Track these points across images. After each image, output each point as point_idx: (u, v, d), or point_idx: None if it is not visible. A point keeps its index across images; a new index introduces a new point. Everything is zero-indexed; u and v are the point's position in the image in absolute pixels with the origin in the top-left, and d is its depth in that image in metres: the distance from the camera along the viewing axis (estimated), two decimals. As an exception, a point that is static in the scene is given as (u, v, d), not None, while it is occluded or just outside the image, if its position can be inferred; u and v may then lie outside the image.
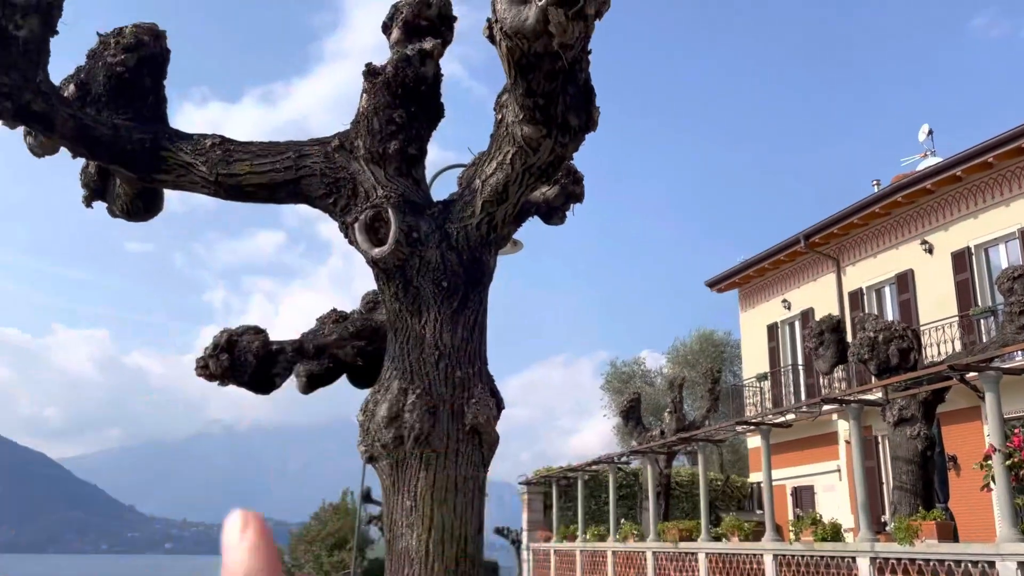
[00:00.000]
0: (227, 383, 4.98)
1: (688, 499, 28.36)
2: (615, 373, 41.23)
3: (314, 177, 3.80)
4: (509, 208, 3.73)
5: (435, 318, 3.82)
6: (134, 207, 4.14)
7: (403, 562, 3.63)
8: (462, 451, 3.76)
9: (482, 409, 3.81)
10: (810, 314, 21.01)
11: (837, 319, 12.48)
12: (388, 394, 3.80)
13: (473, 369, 3.88)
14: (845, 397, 11.53)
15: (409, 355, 3.83)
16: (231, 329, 5.04)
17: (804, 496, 21.16)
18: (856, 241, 20.43)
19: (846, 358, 12.26)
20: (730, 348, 38.24)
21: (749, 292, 24.66)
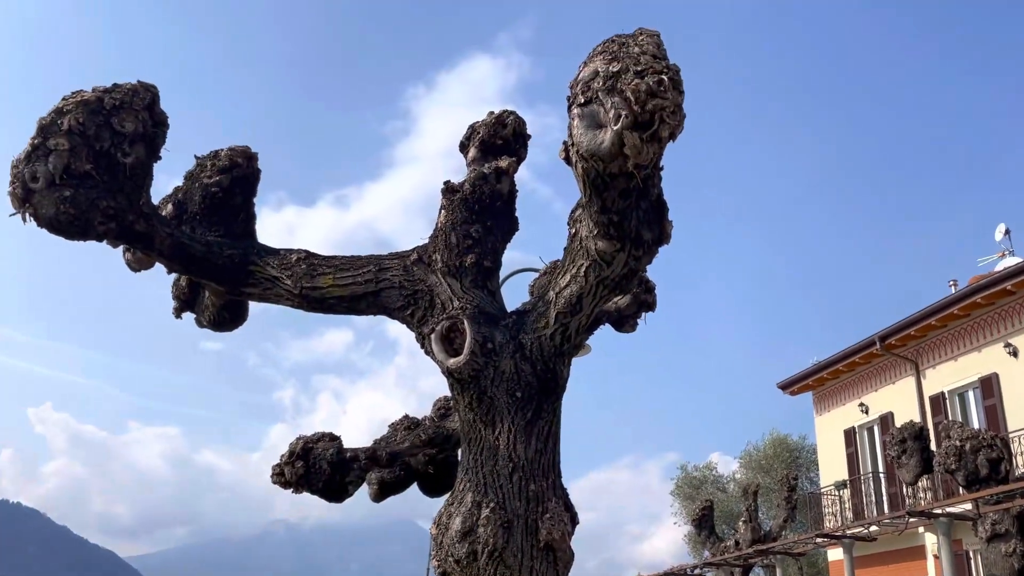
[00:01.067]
0: (301, 491, 5.03)
1: (766, 615, 26.88)
2: (686, 478, 40.03)
3: (393, 289, 3.92)
4: (583, 319, 3.76)
5: (509, 429, 3.82)
6: (220, 317, 4.30)
7: None
8: (536, 568, 3.69)
9: (556, 524, 3.75)
10: (889, 419, 20.20)
11: (920, 426, 11.98)
12: (462, 507, 3.77)
13: (547, 482, 3.84)
14: (933, 510, 10.94)
15: (483, 467, 3.82)
16: (307, 436, 5.12)
17: (892, 614, 19.85)
18: (935, 343, 19.76)
19: (931, 468, 11.70)
20: (805, 453, 36.87)
21: (824, 395, 23.90)
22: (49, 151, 3.06)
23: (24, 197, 3.09)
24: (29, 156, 3.07)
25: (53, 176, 3.05)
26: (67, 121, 3.06)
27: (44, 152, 3.07)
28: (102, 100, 3.15)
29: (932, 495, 17.34)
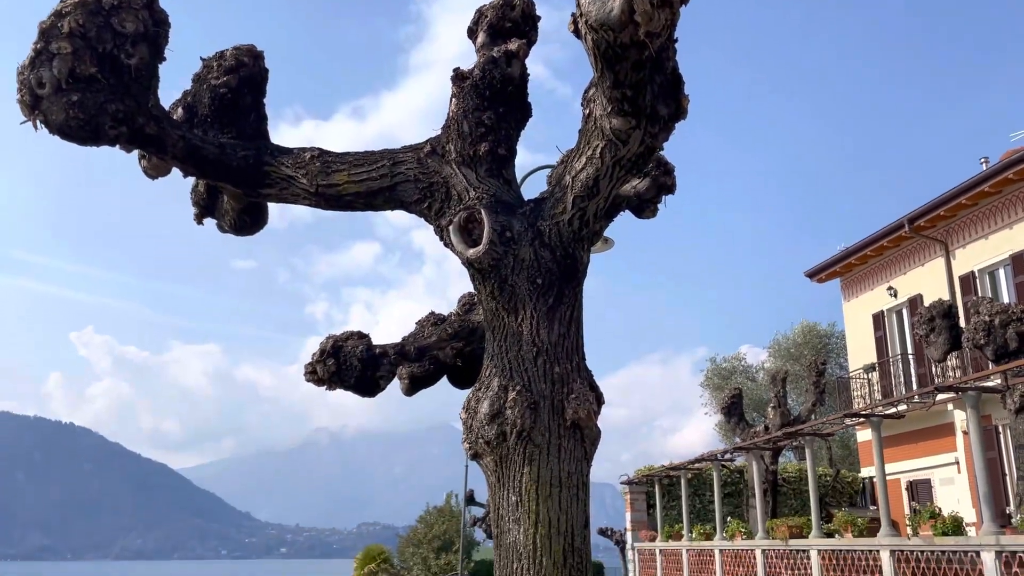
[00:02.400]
0: (334, 387, 5.16)
1: (796, 496, 27.55)
2: (715, 370, 40.43)
3: (408, 183, 3.90)
4: (600, 202, 3.73)
5: (531, 315, 3.86)
6: (241, 222, 4.33)
7: (511, 557, 3.68)
8: (564, 446, 3.79)
9: (582, 404, 3.83)
10: (918, 300, 20.10)
11: (949, 304, 11.92)
12: (489, 392, 3.86)
13: (571, 364, 3.90)
14: (961, 385, 11.00)
15: (507, 353, 3.88)
16: (336, 335, 5.22)
17: (920, 490, 20.25)
18: (965, 223, 19.45)
19: (960, 344, 11.70)
20: (834, 340, 36.97)
21: (852, 281, 23.78)
22: (52, 55, 3.03)
23: (33, 104, 3.08)
24: (33, 62, 3.05)
25: (59, 81, 3.03)
26: (67, 23, 3.02)
27: (48, 57, 3.04)
28: (100, 0, 3.09)
29: (961, 372, 17.40)
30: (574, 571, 3.63)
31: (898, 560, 11.62)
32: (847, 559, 12.99)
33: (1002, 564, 9.47)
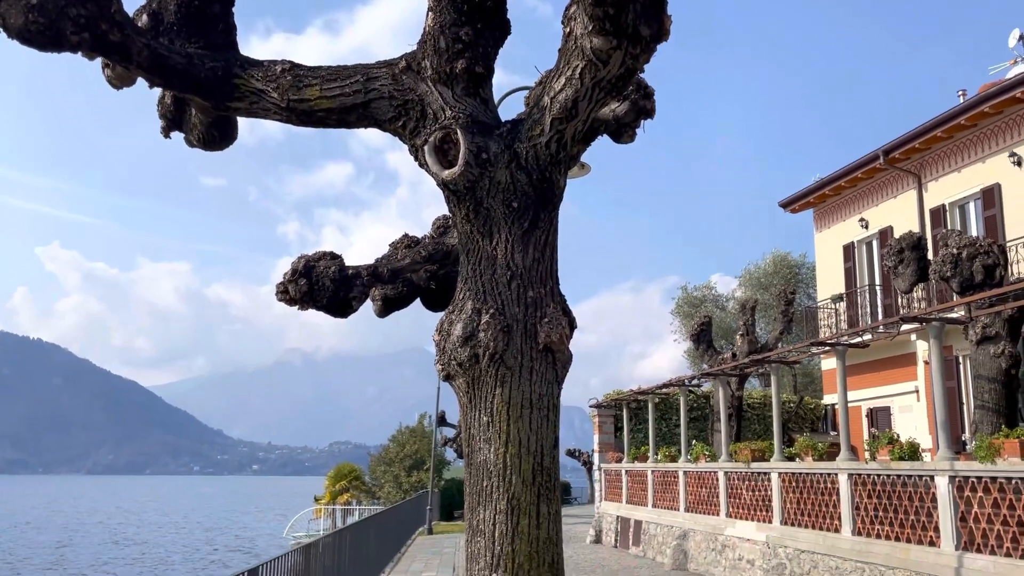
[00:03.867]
0: (306, 307, 5.13)
1: (760, 421, 28.30)
2: (686, 298, 40.88)
3: (383, 100, 3.81)
4: (579, 125, 3.68)
5: (506, 239, 3.84)
6: (209, 136, 4.22)
7: (481, 475, 3.74)
8: (536, 369, 3.82)
9: (555, 328, 3.85)
10: (889, 233, 20.31)
11: (918, 236, 12.05)
12: (462, 314, 3.86)
13: (545, 289, 3.91)
14: (926, 315, 11.21)
15: (482, 276, 3.87)
16: (308, 255, 5.17)
17: (880, 417, 20.86)
18: (939, 156, 19.52)
19: (927, 276, 11.88)
20: (804, 270, 37.43)
21: (824, 212, 23.93)
22: (8, -46, 2.87)
23: (-11, 5, 2.93)
24: (-12, -40, 2.89)
25: (16, -19, 2.88)
26: (22, -81, 2.86)
27: (3, -45, 2.88)
28: None
29: (926, 304, 17.74)
30: (542, 489, 3.71)
31: (855, 483, 12.03)
32: (806, 481, 13.43)
33: (955, 488, 9.84)
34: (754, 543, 14.73)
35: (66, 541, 52.58)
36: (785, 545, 13.63)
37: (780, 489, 14.19)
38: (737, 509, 15.93)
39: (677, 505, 18.87)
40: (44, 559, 41.24)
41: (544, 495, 3.73)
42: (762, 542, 14.40)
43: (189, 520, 80.00)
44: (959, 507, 9.77)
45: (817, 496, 13.07)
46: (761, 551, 14.36)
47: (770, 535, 14.20)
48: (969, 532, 9.61)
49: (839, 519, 12.35)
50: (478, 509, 3.72)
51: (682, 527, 18.09)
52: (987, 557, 9.23)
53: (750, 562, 14.75)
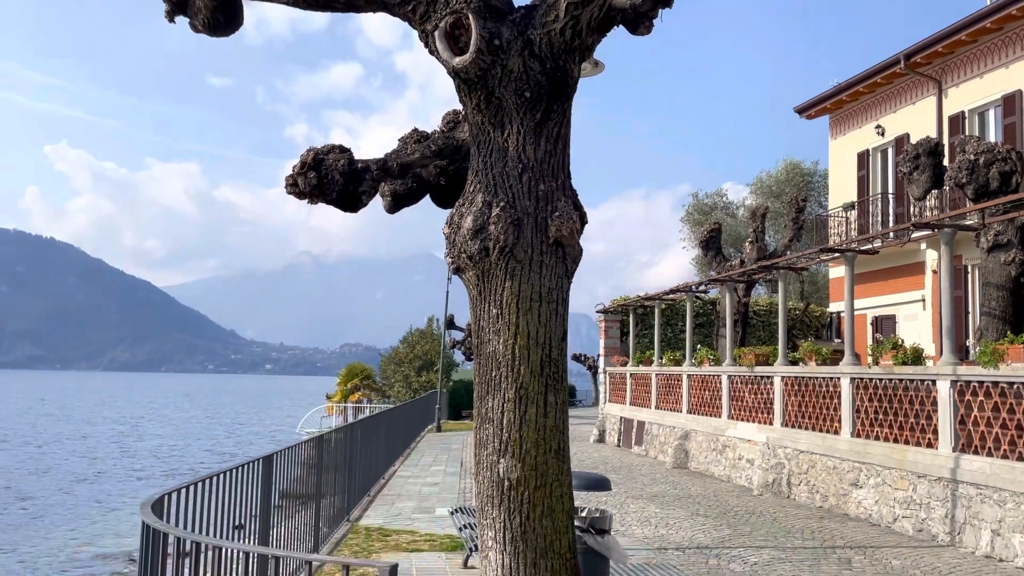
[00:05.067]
0: (315, 201, 5.11)
1: (765, 328, 28.55)
2: (696, 205, 40.59)
3: (393, -18, 3.70)
4: (595, 11, 3.58)
5: (518, 130, 3.79)
6: (215, 21, 4.12)
7: (491, 365, 3.81)
8: (546, 262, 3.83)
9: (565, 222, 3.84)
10: (905, 140, 19.94)
11: (935, 142, 11.84)
12: (473, 207, 3.85)
13: (556, 182, 3.88)
14: (938, 221, 11.13)
15: (492, 168, 3.84)
16: (317, 148, 5.12)
17: (885, 325, 20.99)
18: (962, 60, 18.97)
19: (942, 183, 11.73)
20: (817, 178, 37.01)
21: (841, 118, 23.45)
22: None
23: None
24: None
25: None
26: None
27: None
28: None
29: (939, 212, 17.57)
30: (550, 379, 3.78)
31: (857, 387, 12.21)
32: (808, 385, 13.64)
33: (956, 392, 9.98)
34: (754, 443, 15.08)
35: (88, 432, 54.35)
36: (785, 446, 13.95)
37: (782, 392, 14.42)
38: (739, 411, 16.24)
39: (680, 407, 19.25)
40: (69, 447, 42.67)
41: (552, 385, 3.80)
42: (762, 442, 14.74)
43: (207, 414, 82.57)
44: (959, 411, 9.93)
45: (818, 399, 13.29)
46: (761, 451, 14.71)
47: (770, 436, 14.52)
48: (967, 435, 9.80)
49: (839, 421, 12.60)
50: (487, 398, 3.80)
51: (684, 428, 18.50)
52: (984, 459, 9.43)
53: (750, 461, 15.14)
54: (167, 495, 4.33)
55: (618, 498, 13.11)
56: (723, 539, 9.98)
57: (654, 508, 12.32)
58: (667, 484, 15.25)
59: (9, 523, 21.24)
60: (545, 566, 3.61)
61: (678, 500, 13.23)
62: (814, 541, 9.95)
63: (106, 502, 25.15)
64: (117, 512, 22.67)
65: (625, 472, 16.98)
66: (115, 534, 19.32)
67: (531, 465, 3.67)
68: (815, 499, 12.84)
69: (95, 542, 18.77)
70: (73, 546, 18.40)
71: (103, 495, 26.68)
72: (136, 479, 30.92)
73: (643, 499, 13.22)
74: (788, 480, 13.67)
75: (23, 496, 25.88)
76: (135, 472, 33.39)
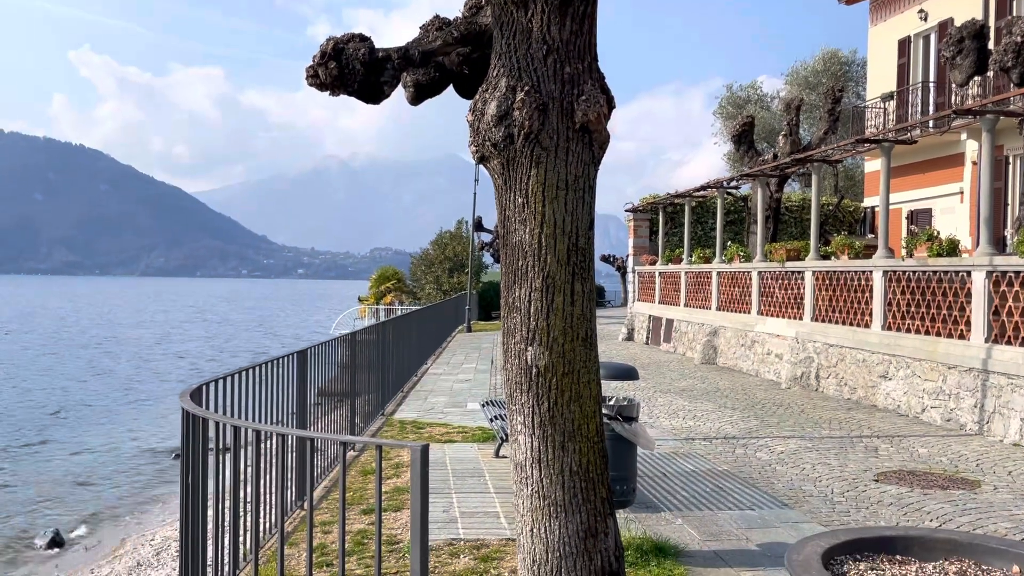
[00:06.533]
0: (337, 92, 5.02)
1: (797, 224, 28.17)
2: (730, 98, 39.46)
3: None
4: None
5: (543, 9, 3.65)
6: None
7: (517, 256, 3.79)
8: (572, 149, 3.76)
9: (592, 106, 3.74)
10: (949, 24, 19.05)
11: (980, 24, 11.28)
12: (496, 92, 3.75)
13: (583, 64, 3.76)
14: (981, 108, 10.73)
15: (516, 51, 3.73)
16: (336, 37, 5.00)
17: (920, 219, 20.59)
18: (1015, -64, 17.91)
19: (986, 68, 11.24)
20: (855, 68, 35.68)
21: (882, 3, 22.40)
22: None
23: None
24: None
25: None
26: None
27: None
28: None
29: (982, 99, 16.94)
30: (577, 268, 3.76)
31: (890, 280, 12.08)
32: (840, 279, 13.53)
33: (991, 283, 9.84)
34: (783, 338, 15.11)
35: (135, 335, 56.04)
36: (814, 340, 13.97)
37: (813, 287, 14.34)
38: (768, 307, 16.22)
39: (709, 304, 19.26)
40: (119, 350, 44.08)
41: (579, 274, 3.78)
42: (791, 337, 14.76)
43: (245, 316, 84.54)
44: (993, 301, 9.82)
45: (850, 293, 13.20)
46: (790, 345, 14.75)
47: (800, 331, 14.52)
48: (1001, 325, 9.71)
49: (870, 315, 12.54)
50: (514, 287, 3.80)
51: (713, 324, 18.56)
52: (1017, 348, 9.37)
53: (778, 356, 15.21)
54: (205, 385, 4.45)
55: (646, 392, 13.30)
56: (750, 430, 10.13)
57: (682, 401, 12.50)
58: (695, 379, 15.41)
59: (60, 423, 22.16)
60: (573, 448, 3.68)
61: (706, 394, 13.39)
62: (841, 431, 10.07)
63: (158, 399, 26.13)
64: (167, 409, 23.52)
65: (654, 368, 17.17)
66: (165, 435, 20.08)
67: (559, 352, 3.70)
68: (843, 391, 12.92)
69: (142, 440, 19.56)
70: (121, 441, 19.20)
71: (153, 394, 27.69)
72: (178, 381, 32.00)
73: (671, 393, 13.40)
74: (817, 373, 13.73)
75: (78, 400, 26.91)
76: (183, 373, 34.50)
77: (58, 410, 24.05)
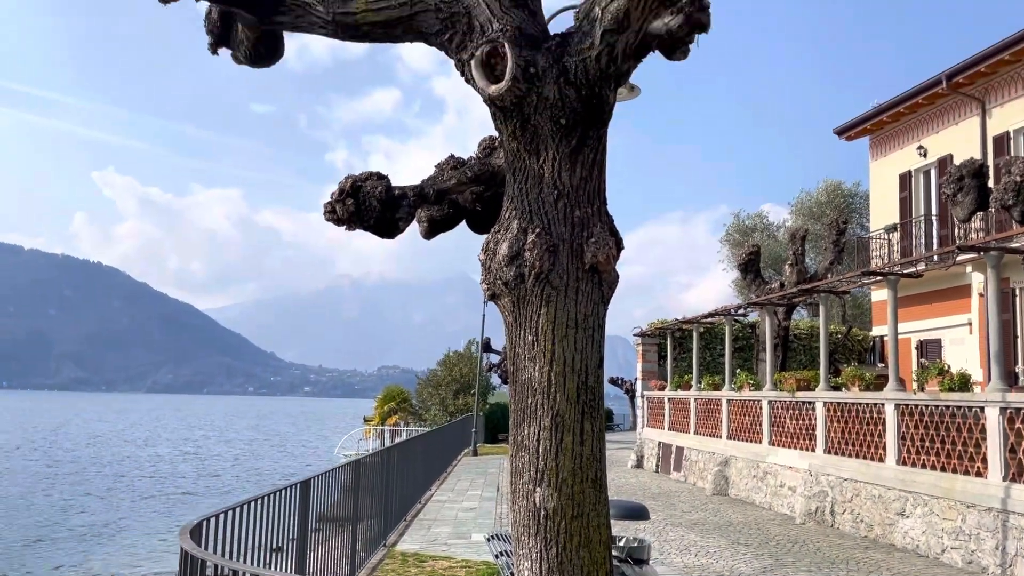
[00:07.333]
0: (353, 227, 5.16)
1: (806, 352, 28.08)
2: (736, 226, 40.24)
3: (429, 12, 3.74)
4: (630, 37, 3.57)
5: (553, 157, 3.78)
6: (256, 52, 4.20)
7: (526, 392, 3.78)
8: (582, 289, 3.81)
9: (601, 248, 3.82)
10: (948, 161, 19.61)
11: (980, 163, 11.59)
12: (508, 233, 3.84)
13: (592, 208, 3.86)
14: (984, 244, 10.89)
15: (528, 195, 3.84)
16: (355, 175, 5.17)
17: (930, 350, 20.53)
18: (1005, 80, 18.64)
19: (987, 205, 11.47)
20: (858, 200, 36.48)
21: (882, 139, 23.15)
22: None
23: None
24: None
25: None
26: None
27: None
28: None
29: (984, 234, 17.20)
30: (586, 407, 3.74)
31: (902, 413, 11.93)
32: (852, 411, 13.36)
33: (1006, 420, 9.70)
34: (796, 470, 14.79)
35: (132, 454, 55.29)
36: (828, 473, 13.66)
37: (825, 418, 14.15)
38: (780, 437, 15.96)
39: (719, 433, 18.98)
40: (125, 469, 43.40)
41: (588, 413, 3.76)
42: (804, 470, 14.45)
43: (246, 436, 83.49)
44: (1009, 439, 9.65)
45: (862, 426, 13.01)
46: (803, 478, 14.42)
47: (813, 463, 14.23)
48: (1018, 463, 9.50)
49: (884, 449, 12.31)
50: (523, 425, 3.77)
51: (724, 454, 18.22)
52: (1035, 489, 9.14)
53: (791, 489, 14.85)
54: (205, 521, 4.36)
55: (657, 526, 12.92)
56: (765, 569, 9.77)
57: (694, 536, 12.12)
58: (707, 511, 15.00)
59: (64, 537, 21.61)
60: (582, 598, 3.55)
61: (718, 528, 13.00)
62: (859, 572, 9.70)
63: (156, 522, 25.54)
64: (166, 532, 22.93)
65: (664, 499, 16.75)
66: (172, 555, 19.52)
67: (567, 495, 3.63)
68: (860, 528, 12.53)
69: (147, 566, 19.01)
70: (122, 566, 18.64)
71: (154, 516, 27.10)
72: (182, 503, 31.38)
73: (682, 527, 13.02)
74: (832, 508, 13.36)
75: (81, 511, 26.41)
76: (181, 495, 33.85)
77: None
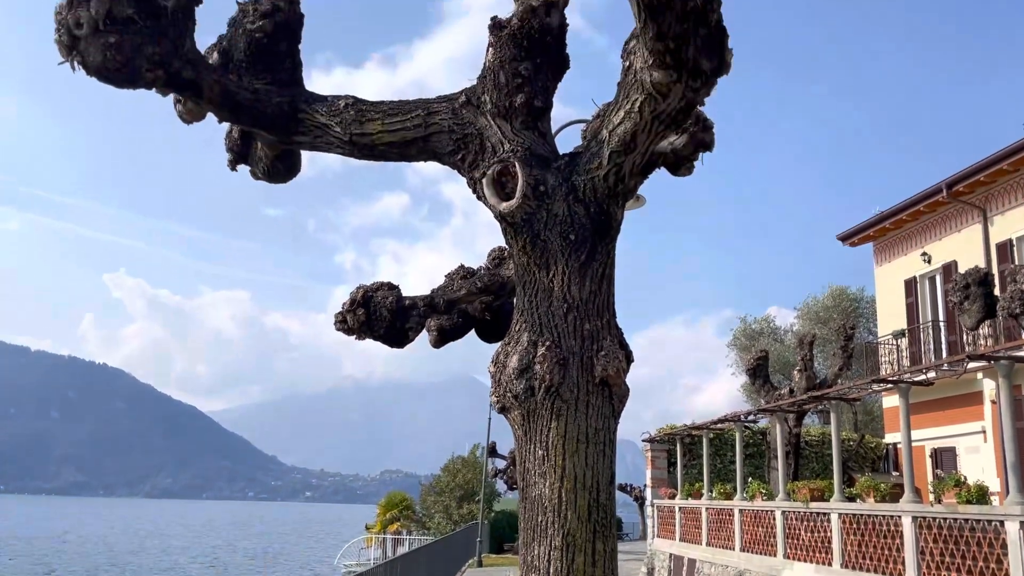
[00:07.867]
0: (363, 337, 5.18)
1: (818, 459, 27.56)
2: (743, 330, 40.26)
3: (443, 134, 3.86)
4: (637, 158, 3.67)
5: (563, 271, 3.83)
6: (274, 169, 4.32)
7: (536, 510, 3.71)
8: (592, 403, 3.79)
9: (611, 361, 3.82)
10: (953, 267, 19.76)
11: (985, 271, 11.69)
12: (518, 346, 3.85)
13: (602, 321, 3.88)
14: (994, 353, 10.84)
15: (538, 308, 3.87)
16: (366, 285, 5.23)
17: (945, 458, 20.15)
18: (1005, 189, 18.99)
19: (994, 313, 11.50)
20: (864, 304, 36.60)
21: (885, 245, 23.41)
22: (90, -4, 3.00)
23: (71, 44, 3.06)
24: (71, 2, 3.03)
25: (96, 21, 3.01)
26: (104, -37, 2.99)
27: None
28: (137, -60, 3.05)
29: (993, 341, 17.14)
30: (598, 525, 3.65)
31: (920, 527, 11.61)
32: (868, 523, 13.01)
33: (1026, 534, 9.43)
34: (813, 586, 14.29)
35: (135, 563, 53.87)
36: (846, 589, 13.19)
37: (840, 531, 13.76)
38: (795, 550, 15.49)
39: (732, 544, 18.44)
40: None
41: (600, 532, 3.67)
42: (821, 585, 13.96)
43: (246, 545, 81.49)
44: (1032, 554, 9.35)
45: (879, 539, 12.64)
46: (820, 594, 13.92)
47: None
48: (1043, 581, 9.18)
49: (903, 564, 11.91)
50: (533, 545, 3.68)
51: (737, 567, 17.64)
52: (1063, 608, 8.80)
53: (809, 605, 14.31)
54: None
55: (669, 644, 12.39)
56: None
57: (708, 656, 11.59)
58: (721, 628, 14.40)
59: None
60: None
61: (733, 647, 12.45)
62: None
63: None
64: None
65: (676, 614, 16.11)
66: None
67: (579, 618, 3.50)
68: (882, 649, 12.01)
69: None
70: None
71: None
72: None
73: (696, 645, 12.47)
74: (851, 627, 12.84)
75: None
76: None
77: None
